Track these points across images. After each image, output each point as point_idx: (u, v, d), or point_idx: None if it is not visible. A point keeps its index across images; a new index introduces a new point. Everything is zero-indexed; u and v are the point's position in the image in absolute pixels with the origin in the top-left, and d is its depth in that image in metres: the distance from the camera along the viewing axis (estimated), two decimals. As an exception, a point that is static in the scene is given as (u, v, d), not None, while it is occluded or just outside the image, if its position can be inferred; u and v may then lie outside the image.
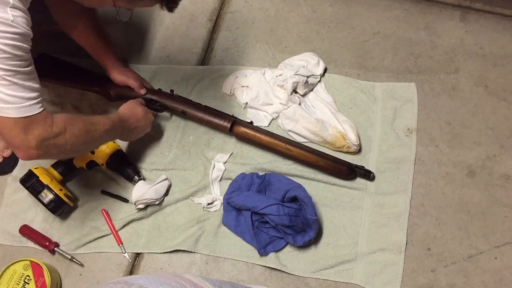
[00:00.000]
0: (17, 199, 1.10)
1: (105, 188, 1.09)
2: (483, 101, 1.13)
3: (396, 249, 1.00)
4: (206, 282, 0.60)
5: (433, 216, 1.03)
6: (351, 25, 1.24)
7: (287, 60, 1.17)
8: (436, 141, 1.09)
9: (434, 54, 1.19)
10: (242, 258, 1.02)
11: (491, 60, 1.17)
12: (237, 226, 1.02)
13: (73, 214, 1.08)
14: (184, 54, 1.23)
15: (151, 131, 1.11)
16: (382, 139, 1.10)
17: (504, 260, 0.99)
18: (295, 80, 1.10)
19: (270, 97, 1.13)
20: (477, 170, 1.06)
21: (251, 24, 1.26)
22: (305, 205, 0.95)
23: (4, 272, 0.99)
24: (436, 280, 0.98)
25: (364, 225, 1.02)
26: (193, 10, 1.29)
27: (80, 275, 1.03)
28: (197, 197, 1.07)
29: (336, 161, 1.03)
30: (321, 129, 1.07)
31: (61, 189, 1.02)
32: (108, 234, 1.05)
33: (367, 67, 1.18)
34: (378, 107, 1.13)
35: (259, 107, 1.13)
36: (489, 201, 1.04)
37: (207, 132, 1.13)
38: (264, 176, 1.05)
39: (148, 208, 1.06)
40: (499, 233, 1.01)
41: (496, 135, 1.09)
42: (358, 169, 1.04)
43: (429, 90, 1.15)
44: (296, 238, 0.97)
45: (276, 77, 1.14)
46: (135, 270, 1.04)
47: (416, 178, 1.06)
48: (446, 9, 1.24)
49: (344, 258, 1.00)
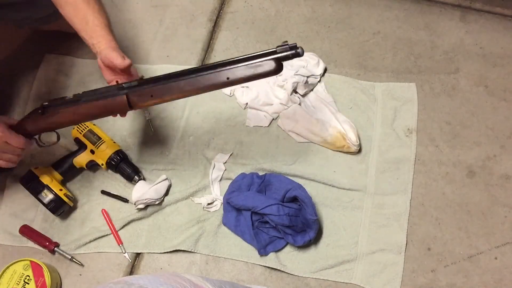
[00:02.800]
0: (17, 199, 1.10)
1: (105, 188, 1.09)
2: (483, 101, 1.13)
3: (396, 249, 1.00)
4: (206, 282, 0.60)
5: (433, 216, 1.03)
6: (351, 25, 1.24)
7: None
8: (436, 141, 1.10)
9: (434, 54, 1.19)
10: (242, 258, 1.02)
11: (491, 60, 1.17)
12: (237, 226, 1.02)
13: (73, 214, 1.08)
14: (184, 54, 1.23)
15: (150, 132, 1.11)
16: (382, 139, 1.10)
17: (504, 260, 0.99)
18: (295, 80, 1.10)
19: (270, 97, 1.13)
20: (477, 170, 1.06)
21: (251, 24, 1.26)
22: (305, 205, 0.95)
23: (4, 272, 0.99)
24: (436, 280, 0.98)
25: (364, 225, 1.03)
26: (193, 10, 1.29)
27: (80, 275, 1.03)
28: (197, 197, 1.07)
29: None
30: (321, 129, 1.07)
31: (61, 189, 1.03)
32: (108, 234, 1.05)
33: (367, 67, 1.18)
34: (378, 107, 1.13)
35: (259, 108, 1.13)
36: (489, 201, 1.04)
37: (207, 132, 1.13)
38: (264, 176, 1.05)
39: (148, 208, 1.06)
40: (499, 233, 1.01)
41: (496, 135, 1.09)
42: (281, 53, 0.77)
43: (429, 90, 1.15)
44: (296, 238, 0.98)
45: (276, 77, 1.14)
46: (135, 270, 1.04)
47: (416, 178, 1.06)
48: (446, 9, 1.24)
49: (344, 258, 1.00)
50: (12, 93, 1.21)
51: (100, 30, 0.87)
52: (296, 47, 0.76)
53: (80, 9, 0.86)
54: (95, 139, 1.07)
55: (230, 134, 1.12)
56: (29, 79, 1.21)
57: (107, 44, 0.86)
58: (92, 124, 1.10)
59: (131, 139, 1.13)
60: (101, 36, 0.86)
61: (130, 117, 1.15)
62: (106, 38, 0.87)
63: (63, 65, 1.22)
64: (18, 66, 1.24)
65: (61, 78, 1.21)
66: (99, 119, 1.14)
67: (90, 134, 1.07)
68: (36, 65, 1.23)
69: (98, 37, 0.86)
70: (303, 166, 1.08)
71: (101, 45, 0.86)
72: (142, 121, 1.14)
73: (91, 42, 0.87)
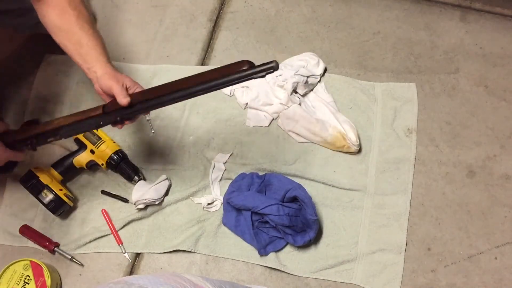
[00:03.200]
0: (17, 199, 1.10)
1: (105, 188, 1.09)
2: (483, 101, 1.13)
3: (396, 249, 1.00)
4: (206, 282, 0.60)
5: (433, 216, 1.03)
6: (351, 25, 1.24)
7: (287, 60, 1.17)
8: (436, 141, 1.10)
9: (434, 54, 1.19)
10: (242, 258, 1.02)
11: (491, 60, 1.17)
12: (237, 226, 1.02)
13: (73, 214, 1.08)
14: (184, 54, 1.23)
15: (150, 132, 1.11)
16: (382, 139, 1.10)
17: (504, 260, 0.99)
18: (295, 80, 1.10)
19: (270, 97, 1.13)
20: (477, 170, 1.06)
21: (251, 24, 1.26)
22: (305, 205, 0.95)
23: (4, 272, 0.99)
24: (436, 280, 0.98)
25: (364, 225, 1.03)
26: (193, 10, 1.29)
27: (80, 275, 1.03)
28: (197, 197, 1.07)
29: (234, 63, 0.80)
30: (321, 129, 1.07)
31: (61, 189, 1.03)
32: (108, 234, 1.05)
33: (367, 67, 1.18)
34: (378, 107, 1.13)
35: (259, 107, 1.13)
36: (489, 201, 1.04)
37: (207, 132, 1.13)
38: (264, 176, 1.05)
39: (148, 208, 1.06)
40: (499, 233, 1.01)
41: (496, 135, 1.09)
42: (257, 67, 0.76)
43: (429, 90, 1.15)
44: (296, 238, 0.98)
45: (276, 77, 1.14)
46: (135, 270, 1.04)
47: (416, 178, 1.06)
48: (446, 9, 1.24)
49: (344, 258, 1.00)
50: (12, 93, 1.21)
51: (94, 53, 0.84)
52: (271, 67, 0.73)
53: (74, 34, 0.84)
54: (95, 139, 1.07)
55: (230, 134, 1.12)
56: (29, 79, 1.21)
57: (103, 70, 0.83)
58: (92, 124, 1.10)
59: (131, 139, 1.13)
60: (96, 60, 0.84)
61: (130, 117, 1.15)
62: (101, 62, 0.84)
63: (63, 65, 1.22)
64: (18, 66, 1.24)
65: (61, 78, 1.21)
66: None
67: (90, 134, 1.07)
68: (36, 65, 1.23)
69: (92, 61, 0.84)
70: (303, 166, 1.08)
71: (96, 70, 0.83)
72: (142, 121, 1.14)
73: (86, 66, 0.84)
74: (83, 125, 0.86)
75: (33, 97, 1.19)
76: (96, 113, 0.85)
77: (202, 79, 0.77)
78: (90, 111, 0.86)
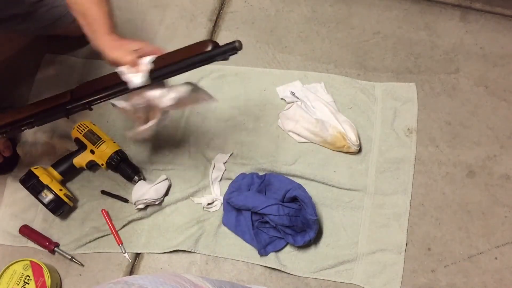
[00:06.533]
0: (17, 199, 1.10)
1: (105, 188, 1.09)
2: (483, 101, 1.13)
3: (396, 249, 1.00)
4: (206, 282, 0.60)
5: (433, 216, 1.03)
6: (351, 25, 1.24)
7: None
8: (436, 141, 1.09)
9: (434, 54, 1.19)
10: (242, 258, 1.02)
11: (491, 60, 1.17)
12: (237, 226, 1.02)
13: (73, 214, 1.08)
14: (184, 54, 1.23)
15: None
16: (382, 139, 1.10)
17: (504, 260, 0.99)
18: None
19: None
20: (477, 170, 1.06)
21: (251, 24, 1.26)
22: (305, 205, 0.95)
23: (4, 272, 0.99)
24: (436, 280, 0.98)
25: (364, 225, 1.03)
26: (193, 10, 1.29)
27: (80, 275, 1.03)
28: (197, 197, 1.07)
29: (198, 43, 0.83)
30: (321, 129, 1.07)
31: (61, 189, 1.03)
32: (108, 234, 1.05)
33: (367, 67, 1.18)
34: (378, 107, 1.13)
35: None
36: (489, 201, 1.04)
37: (207, 132, 1.13)
38: (264, 176, 1.05)
39: (148, 208, 1.06)
40: (499, 233, 1.01)
41: (496, 135, 1.09)
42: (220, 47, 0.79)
43: (429, 90, 1.15)
44: (296, 238, 0.98)
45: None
46: (135, 270, 1.04)
47: (416, 178, 1.06)
48: (446, 9, 1.24)
49: (344, 258, 1.00)
50: (12, 93, 1.21)
51: (96, 24, 0.81)
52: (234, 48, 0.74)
53: (80, 4, 0.82)
54: (95, 139, 1.07)
55: (230, 134, 1.12)
56: (29, 79, 1.21)
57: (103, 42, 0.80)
58: (92, 124, 1.10)
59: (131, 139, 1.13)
60: (97, 32, 0.80)
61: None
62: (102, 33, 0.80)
63: (63, 65, 1.22)
64: (18, 66, 1.24)
65: (61, 78, 1.21)
66: (99, 119, 1.14)
67: (90, 134, 1.07)
68: (36, 65, 1.23)
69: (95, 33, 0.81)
70: (303, 166, 1.08)
71: (98, 43, 0.80)
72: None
73: (90, 39, 0.82)
74: (53, 112, 0.86)
75: (33, 97, 1.19)
76: (65, 100, 0.85)
77: (163, 64, 0.74)
78: (58, 97, 0.86)
